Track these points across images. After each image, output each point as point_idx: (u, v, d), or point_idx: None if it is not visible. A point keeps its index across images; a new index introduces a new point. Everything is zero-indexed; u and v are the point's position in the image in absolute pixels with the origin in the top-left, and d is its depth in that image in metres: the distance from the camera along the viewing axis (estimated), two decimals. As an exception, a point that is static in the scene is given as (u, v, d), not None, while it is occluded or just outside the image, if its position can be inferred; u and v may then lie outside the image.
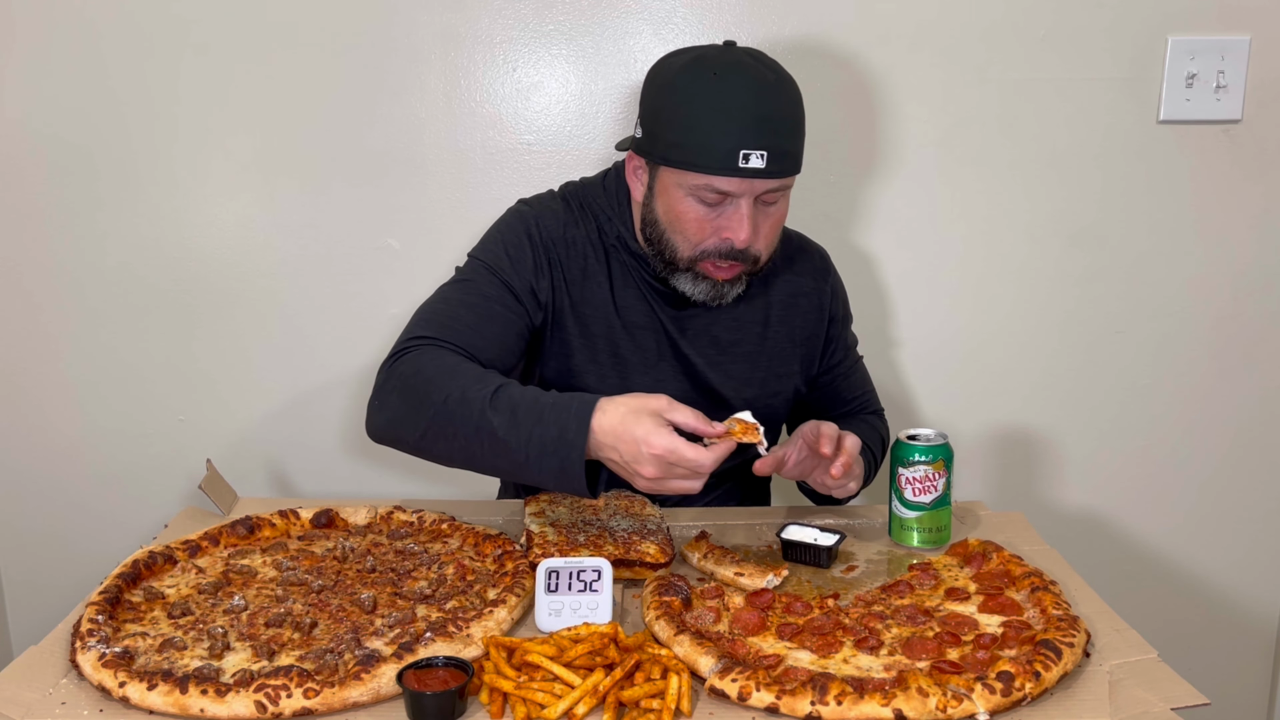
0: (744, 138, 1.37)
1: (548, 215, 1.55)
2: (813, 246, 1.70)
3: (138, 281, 1.98)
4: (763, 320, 1.61)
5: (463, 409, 1.30)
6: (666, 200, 1.45)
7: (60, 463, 2.07)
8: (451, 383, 1.32)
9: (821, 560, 1.41)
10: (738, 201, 1.41)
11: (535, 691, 1.06)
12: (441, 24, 1.89)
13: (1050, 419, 2.08)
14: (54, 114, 1.91)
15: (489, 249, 1.54)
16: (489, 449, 1.29)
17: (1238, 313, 2.04)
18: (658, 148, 1.44)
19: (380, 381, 1.41)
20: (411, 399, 1.35)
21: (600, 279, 1.54)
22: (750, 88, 1.39)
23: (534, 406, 1.27)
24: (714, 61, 1.41)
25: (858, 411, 1.74)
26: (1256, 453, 2.10)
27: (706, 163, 1.38)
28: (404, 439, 1.38)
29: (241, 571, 1.36)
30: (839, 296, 1.70)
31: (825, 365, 1.69)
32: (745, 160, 1.37)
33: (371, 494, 2.01)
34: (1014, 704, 1.07)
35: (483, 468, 1.34)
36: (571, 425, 1.25)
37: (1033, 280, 2.02)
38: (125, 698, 1.07)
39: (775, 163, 1.39)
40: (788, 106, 1.42)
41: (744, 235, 1.42)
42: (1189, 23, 1.90)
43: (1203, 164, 1.97)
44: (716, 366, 1.58)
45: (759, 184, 1.40)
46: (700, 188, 1.41)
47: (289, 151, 1.93)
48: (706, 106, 1.39)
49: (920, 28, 1.90)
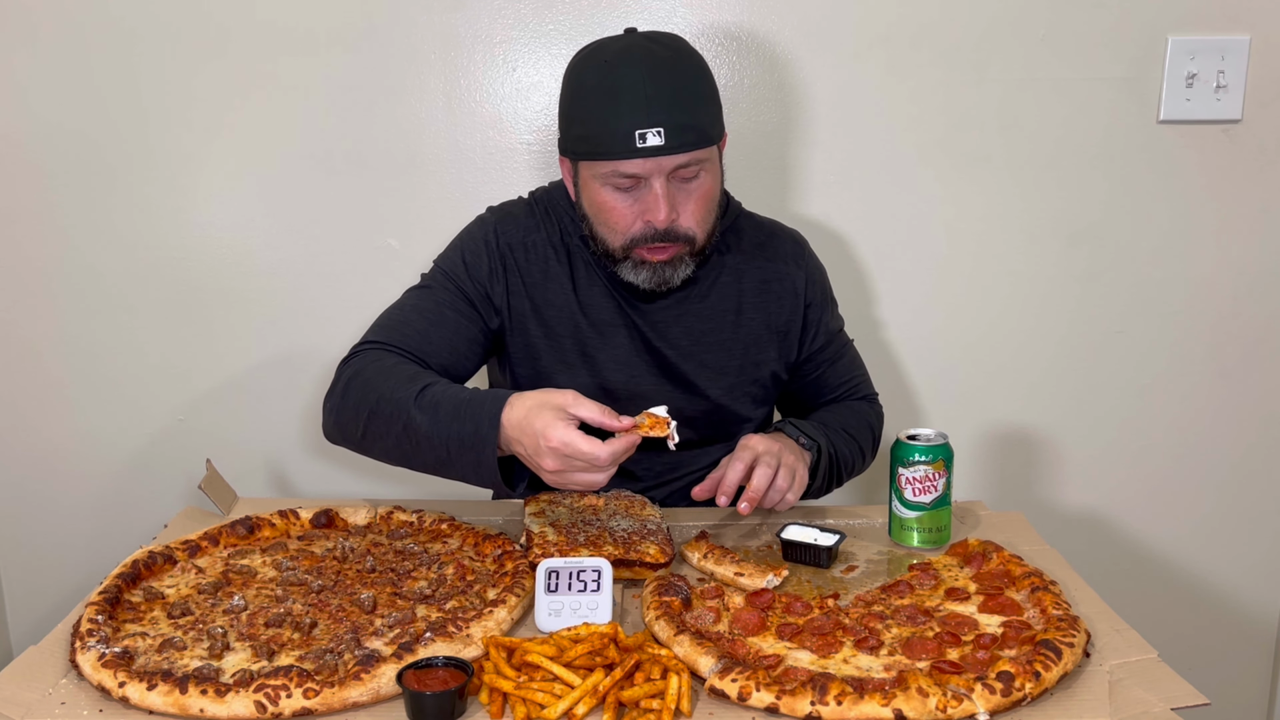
0: (636, 118, 1.38)
1: (508, 221, 1.59)
2: (785, 232, 1.70)
3: (137, 281, 1.98)
4: (735, 309, 1.61)
5: (392, 408, 1.36)
6: (589, 194, 1.48)
7: (60, 463, 2.07)
8: (385, 383, 1.39)
9: (821, 560, 1.41)
10: (649, 183, 1.42)
11: (535, 691, 1.06)
12: (441, 24, 1.89)
13: (1050, 419, 2.08)
14: (54, 115, 1.91)
15: (449, 256, 1.59)
16: (415, 447, 1.35)
17: (1238, 313, 2.04)
18: (569, 143, 1.48)
19: (332, 384, 1.48)
20: (351, 400, 1.42)
21: (562, 280, 1.56)
22: (639, 68, 1.40)
23: (453, 404, 1.33)
24: (607, 50, 1.44)
25: (845, 397, 1.72)
26: (1257, 452, 2.10)
27: (608, 148, 1.40)
28: (349, 439, 1.45)
29: (241, 571, 1.36)
30: (815, 281, 1.68)
31: (806, 353, 1.67)
32: (642, 140, 1.38)
33: (371, 494, 2.01)
34: (1014, 704, 1.07)
35: (416, 465, 1.40)
36: (485, 422, 1.30)
37: (1033, 280, 2.02)
38: (125, 698, 1.07)
39: (675, 137, 1.39)
40: (683, 79, 1.42)
41: (662, 215, 1.42)
42: (1189, 23, 1.90)
43: (1203, 164, 1.97)
44: (690, 358, 1.59)
45: (665, 161, 1.40)
46: (609, 175, 1.43)
47: (289, 151, 1.93)
48: (599, 93, 1.41)
49: (920, 28, 1.90)
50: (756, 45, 1.90)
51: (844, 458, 1.60)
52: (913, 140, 1.95)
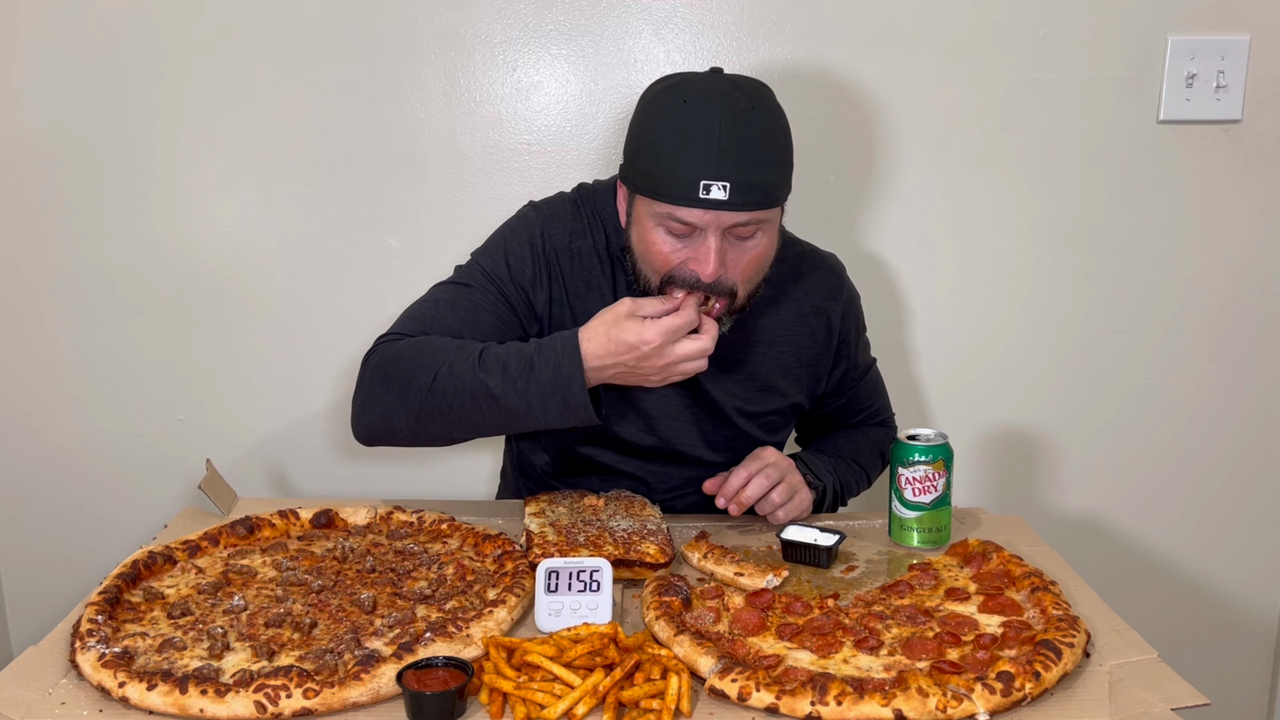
0: (705, 167, 1.32)
1: (555, 223, 1.53)
2: (825, 262, 1.66)
3: (137, 282, 1.98)
4: (768, 339, 1.59)
5: (453, 382, 1.34)
6: (639, 228, 1.43)
7: (60, 463, 2.07)
8: (435, 361, 1.37)
9: (821, 560, 1.41)
10: (704, 234, 1.36)
11: (535, 692, 1.06)
12: (441, 24, 1.89)
13: (1050, 419, 2.08)
14: (53, 114, 1.91)
15: (490, 254, 1.53)
16: (488, 410, 1.34)
17: (1237, 313, 2.04)
18: (631, 174, 1.43)
19: (359, 380, 1.44)
20: (397, 387, 1.38)
21: (604, 291, 1.52)
22: (716, 116, 1.33)
23: (521, 358, 1.33)
24: (689, 88, 1.37)
25: (863, 423, 1.74)
26: (1256, 453, 2.10)
27: (668, 191, 1.35)
28: (397, 429, 1.41)
29: (241, 571, 1.36)
30: (851, 314, 1.66)
31: (832, 385, 1.67)
32: (706, 191, 1.32)
33: (371, 494, 2.01)
34: (1014, 704, 1.07)
35: (481, 431, 1.39)
36: (565, 361, 1.31)
37: (1032, 280, 2.02)
38: (125, 698, 1.07)
39: (739, 195, 1.32)
40: (760, 137, 1.35)
41: (709, 269, 1.36)
42: (1189, 23, 1.90)
43: (1203, 164, 1.97)
44: (718, 382, 1.57)
45: (724, 216, 1.34)
46: (664, 216, 1.37)
47: (289, 151, 1.93)
48: (670, 133, 1.35)
49: (920, 28, 1.90)
50: (755, 47, 1.90)
51: (848, 486, 1.63)
52: (912, 141, 1.95)
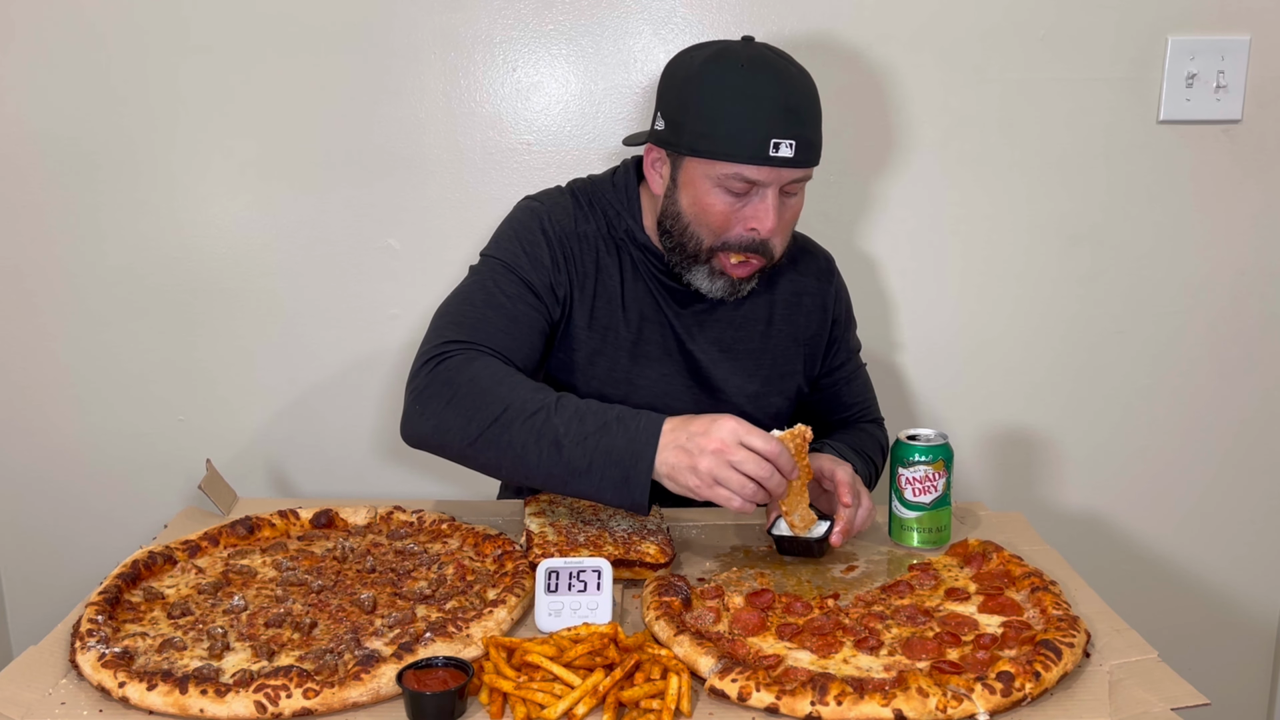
0: (774, 127, 1.39)
1: (558, 210, 1.56)
2: (818, 249, 1.72)
3: (138, 282, 1.98)
4: (766, 319, 1.62)
5: (522, 418, 1.31)
6: (693, 192, 1.46)
7: (60, 463, 2.07)
8: (511, 393, 1.34)
9: (814, 551, 1.40)
10: (764, 191, 1.43)
11: (535, 692, 1.06)
12: (441, 24, 1.89)
13: (1050, 419, 2.08)
14: (54, 114, 1.91)
15: (504, 246, 1.53)
16: (548, 457, 1.30)
17: (1238, 313, 2.04)
18: (684, 139, 1.45)
19: (421, 386, 1.39)
20: (465, 407, 1.34)
21: (613, 273, 1.55)
22: (777, 79, 1.42)
23: (600, 417, 1.30)
24: (740, 55, 1.44)
25: (858, 419, 1.74)
26: (1257, 452, 2.10)
27: (737, 152, 1.40)
28: (450, 445, 1.37)
29: (241, 571, 1.36)
30: (842, 299, 1.71)
31: (827, 367, 1.70)
32: (775, 149, 1.40)
33: (371, 494, 2.01)
34: (1014, 704, 1.07)
35: (530, 477, 1.33)
36: (641, 436, 1.28)
37: (1033, 280, 2.02)
38: (125, 698, 1.07)
39: (802, 152, 1.42)
40: (810, 98, 1.45)
41: (769, 224, 1.44)
42: (1189, 23, 1.90)
43: (1203, 164, 1.97)
44: (720, 364, 1.59)
45: (786, 173, 1.42)
46: (729, 177, 1.42)
47: (289, 152, 1.93)
48: (737, 96, 1.41)
49: (920, 28, 1.90)
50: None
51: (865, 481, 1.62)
52: (912, 140, 1.95)
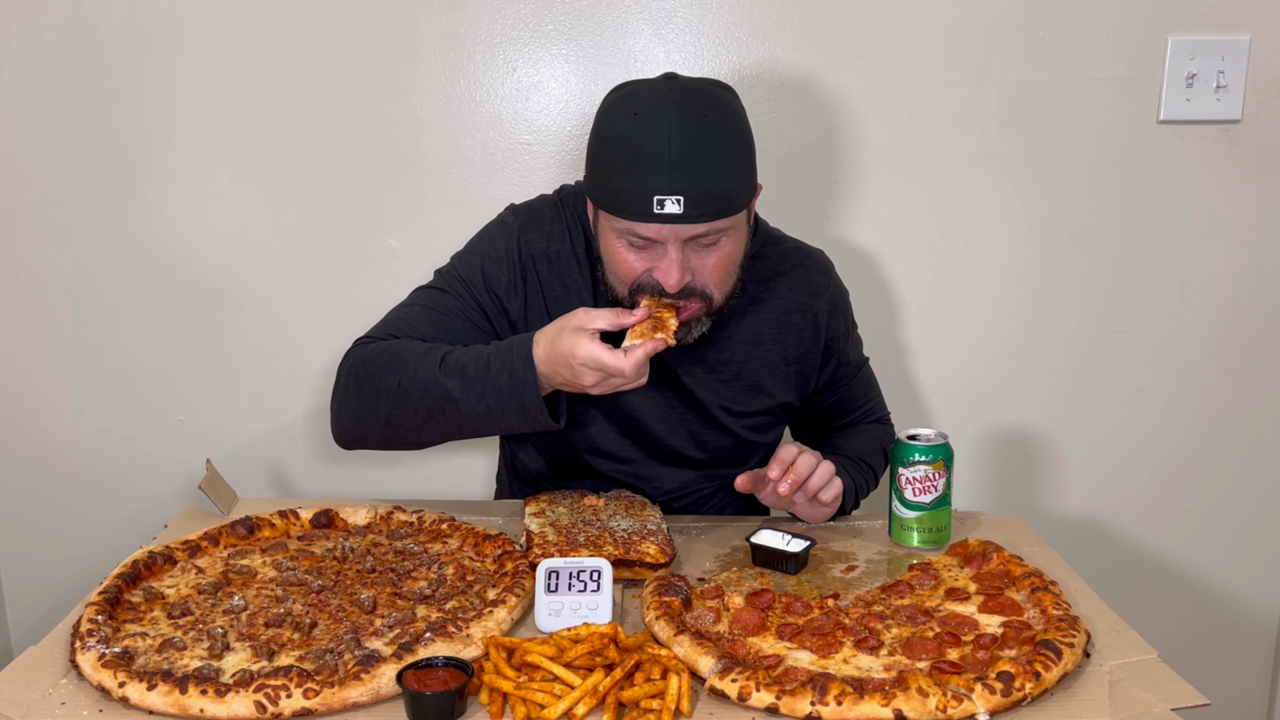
0: (657, 182, 1.30)
1: (533, 228, 1.53)
2: (811, 258, 1.64)
3: (137, 282, 1.98)
4: (753, 339, 1.57)
5: (417, 385, 1.37)
6: (604, 240, 1.42)
7: (60, 463, 2.07)
8: (400, 365, 1.39)
9: (789, 567, 1.38)
10: (665, 246, 1.35)
11: (535, 692, 1.06)
12: (441, 24, 1.89)
13: (1050, 420, 2.08)
14: (51, 114, 1.91)
15: (467, 260, 1.54)
16: (450, 415, 1.36)
17: (1238, 313, 2.04)
18: (591, 188, 1.42)
19: (336, 384, 1.47)
20: (368, 391, 1.41)
21: (584, 295, 1.52)
22: (665, 127, 1.31)
23: (479, 361, 1.35)
24: (639, 100, 1.36)
25: (860, 421, 1.72)
26: (1256, 453, 2.10)
27: (624, 207, 1.34)
28: (369, 433, 1.44)
29: (241, 571, 1.36)
30: (838, 309, 1.64)
31: (822, 382, 1.65)
32: (660, 206, 1.30)
33: (371, 494, 2.01)
34: (1014, 704, 1.07)
35: (451, 434, 1.40)
36: (519, 366, 1.33)
37: (1032, 280, 2.02)
38: (125, 698, 1.07)
39: (694, 206, 1.31)
40: (712, 143, 1.33)
41: (673, 280, 1.35)
42: (1189, 23, 1.90)
43: (1203, 164, 1.97)
44: (706, 385, 1.57)
45: (682, 229, 1.33)
46: (623, 232, 1.36)
47: (288, 152, 1.93)
48: (622, 148, 1.34)
49: (921, 28, 1.90)
50: (754, 46, 1.90)
51: (860, 488, 1.62)
52: (911, 140, 1.95)
